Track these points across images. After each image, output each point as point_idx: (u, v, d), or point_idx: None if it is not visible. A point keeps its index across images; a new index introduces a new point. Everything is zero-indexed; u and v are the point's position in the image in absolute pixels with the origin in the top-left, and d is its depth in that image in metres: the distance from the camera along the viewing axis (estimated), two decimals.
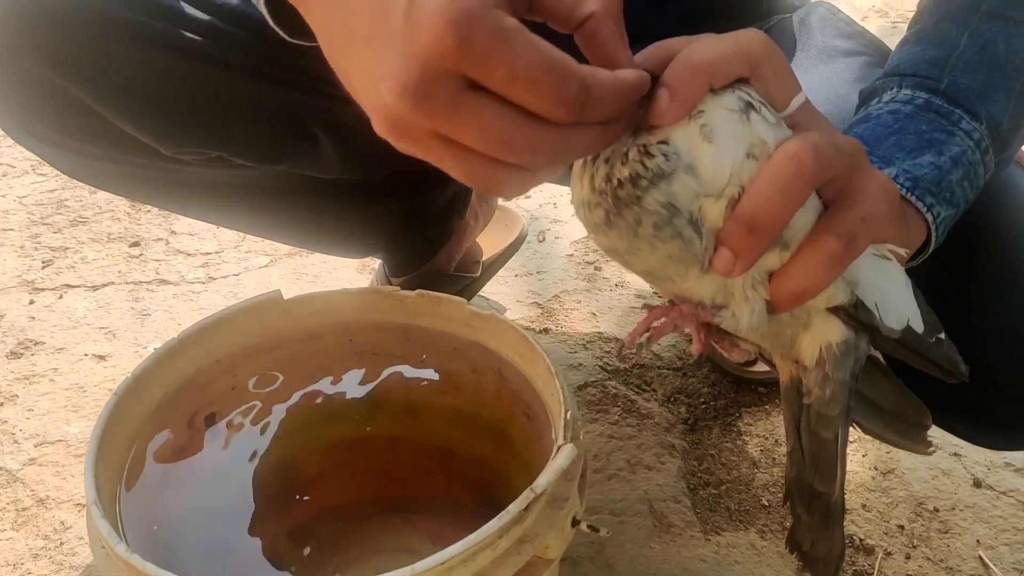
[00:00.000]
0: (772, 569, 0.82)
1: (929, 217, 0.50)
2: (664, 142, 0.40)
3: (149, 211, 1.38)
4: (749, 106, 0.41)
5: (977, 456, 0.93)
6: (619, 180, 0.41)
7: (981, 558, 0.82)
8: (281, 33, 0.45)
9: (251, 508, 0.66)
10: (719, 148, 0.40)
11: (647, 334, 0.47)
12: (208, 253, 1.31)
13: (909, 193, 0.49)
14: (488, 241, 1.16)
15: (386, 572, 0.42)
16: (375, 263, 1.18)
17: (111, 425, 0.54)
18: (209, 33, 0.67)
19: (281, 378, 0.68)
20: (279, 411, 0.69)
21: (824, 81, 0.69)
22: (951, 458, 0.93)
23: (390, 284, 1.10)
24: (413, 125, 0.35)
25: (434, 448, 0.72)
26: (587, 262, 1.27)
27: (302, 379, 0.69)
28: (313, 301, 0.65)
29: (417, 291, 0.65)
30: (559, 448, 0.51)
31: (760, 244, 0.41)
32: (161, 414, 0.60)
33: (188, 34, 0.66)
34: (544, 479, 0.49)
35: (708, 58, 0.40)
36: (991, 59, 0.55)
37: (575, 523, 0.52)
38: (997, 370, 0.57)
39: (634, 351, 1.04)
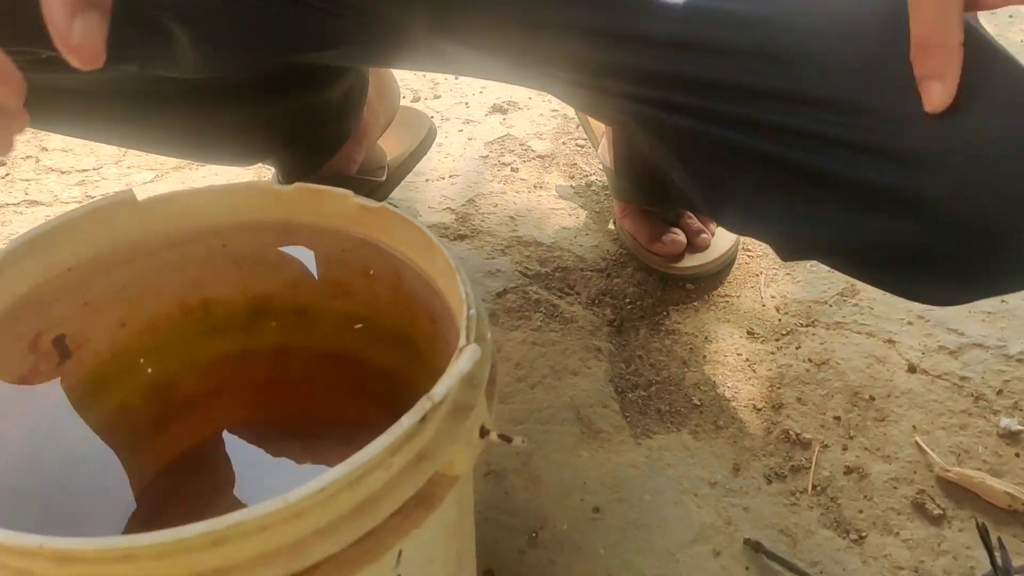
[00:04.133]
0: (706, 470, 0.77)
1: None
2: None
3: None
4: None
5: (911, 341, 0.90)
6: None
7: (918, 443, 0.79)
8: None
9: (118, 438, 0.58)
10: None
11: None
12: (85, 170, 1.18)
13: None
14: (392, 143, 1.06)
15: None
16: (270, 172, 1.08)
17: None
18: None
19: (145, 291, 0.59)
20: (146, 327, 0.60)
21: None
22: (885, 345, 0.90)
23: None
24: None
25: (331, 355, 0.64)
26: (503, 163, 1.18)
27: (171, 291, 0.59)
28: (172, 201, 0.55)
29: (296, 184, 0.56)
30: (461, 350, 0.44)
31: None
32: None
33: None
34: (443, 386, 0.42)
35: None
36: None
37: (484, 433, 0.46)
38: (941, 210, 0.50)
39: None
